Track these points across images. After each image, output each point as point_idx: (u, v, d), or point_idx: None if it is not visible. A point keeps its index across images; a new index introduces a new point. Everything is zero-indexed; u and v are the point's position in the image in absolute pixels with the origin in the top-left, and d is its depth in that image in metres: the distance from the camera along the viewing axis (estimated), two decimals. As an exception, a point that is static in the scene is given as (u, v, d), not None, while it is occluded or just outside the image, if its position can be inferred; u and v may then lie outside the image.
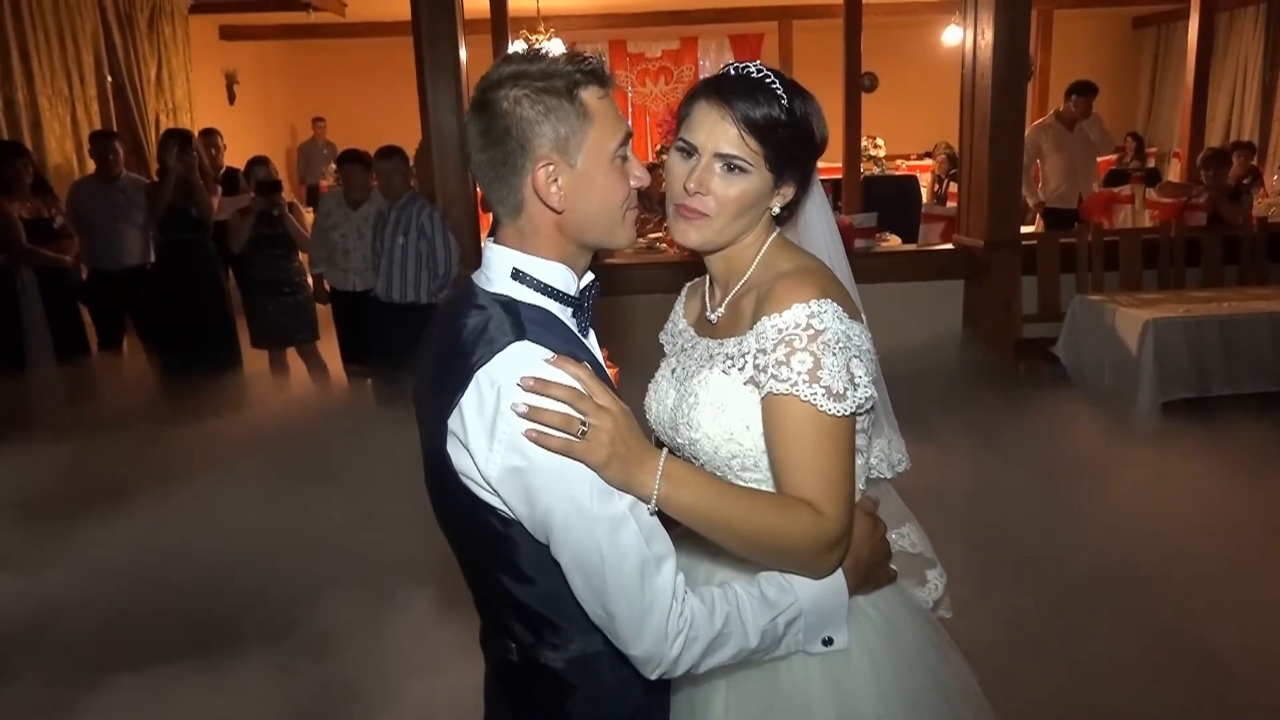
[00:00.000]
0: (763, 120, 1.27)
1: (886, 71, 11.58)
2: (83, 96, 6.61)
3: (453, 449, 1.12)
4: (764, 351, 1.24)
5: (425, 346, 1.25)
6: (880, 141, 9.81)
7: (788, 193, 1.34)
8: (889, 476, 1.52)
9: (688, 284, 1.56)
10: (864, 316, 1.31)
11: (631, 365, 2.05)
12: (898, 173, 9.50)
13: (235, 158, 6.65)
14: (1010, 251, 5.10)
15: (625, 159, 1.19)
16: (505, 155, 1.13)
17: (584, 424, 1.06)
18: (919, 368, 4.02)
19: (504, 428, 1.07)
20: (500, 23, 7.58)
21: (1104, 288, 5.17)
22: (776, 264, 1.34)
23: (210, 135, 6.60)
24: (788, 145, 1.29)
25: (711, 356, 1.35)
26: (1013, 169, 5.09)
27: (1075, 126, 6.67)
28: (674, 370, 1.44)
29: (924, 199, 8.67)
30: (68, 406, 4.96)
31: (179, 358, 5.35)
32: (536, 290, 1.18)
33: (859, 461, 1.33)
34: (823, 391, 1.18)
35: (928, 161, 9.89)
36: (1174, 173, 8.63)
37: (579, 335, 1.21)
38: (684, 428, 1.34)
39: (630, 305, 5.15)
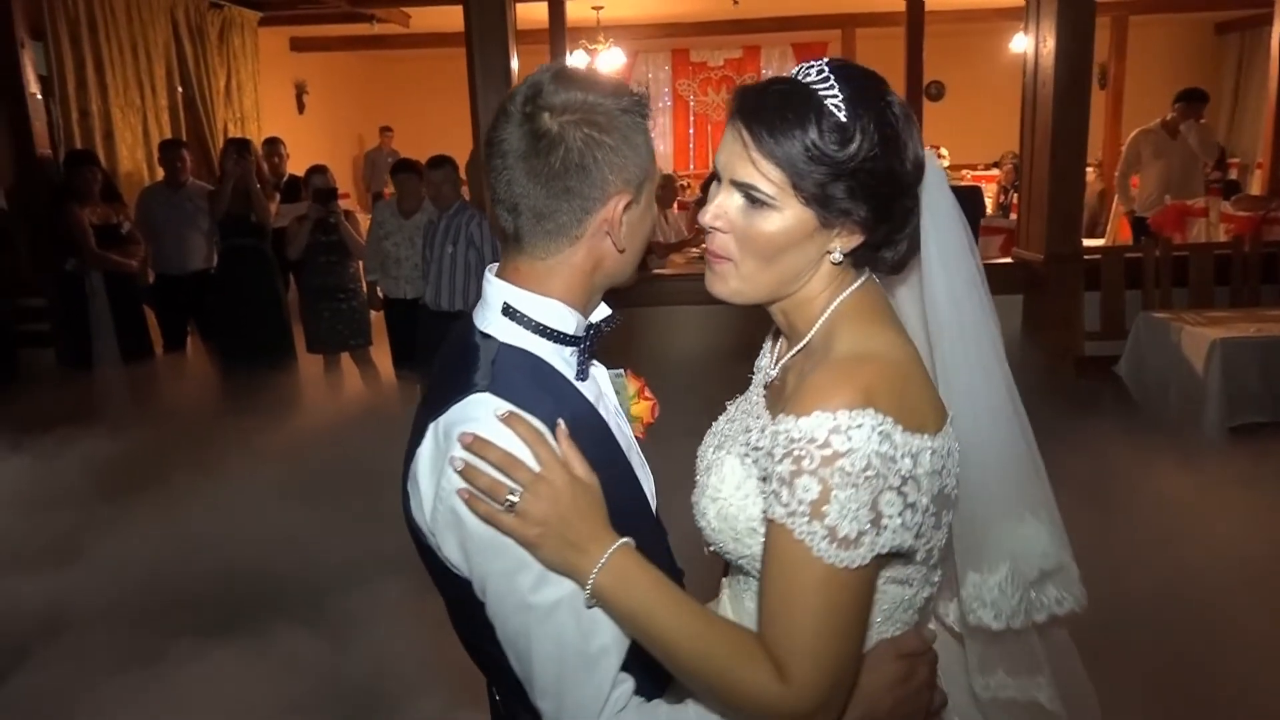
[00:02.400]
0: (789, 143, 0.98)
1: (955, 80, 11.39)
2: (154, 106, 6.85)
3: (412, 499, 1.07)
4: (772, 457, 0.98)
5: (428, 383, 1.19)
6: (944, 151, 9.61)
7: (851, 237, 1.03)
8: (1042, 618, 1.15)
9: None
10: (950, 415, 1.02)
11: (676, 382, 1.89)
12: (962, 183, 9.29)
13: (304, 166, 6.81)
14: (1071, 266, 4.94)
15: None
16: (584, 188, 1.03)
17: (512, 494, 0.95)
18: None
19: (445, 484, 1.00)
20: (558, 33, 7.61)
21: (1172, 305, 4.96)
22: (838, 334, 1.04)
23: (273, 144, 6.78)
24: (835, 176, 0.99)
25: (746, 430, 1.11)
26: (1075, 180, 4.94)
27: (1178, 135, 6.45)
28: (722, 426, 1.20)
29: (989, 210, 8.48)
30: (127, 405, 5.13)
31: (236, 360, 5.48)
32: (528, 329, 1.07)
33: (903, 592, 1.05)
34: (824, 533, 0.92)
35: (995, 172, 9.67)
36: (1256, 185, 8.26)
37: (574, 380, 1.10)
38: (695, 509, 1.14)
39: (675, 316, 5.13)
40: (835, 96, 1.00)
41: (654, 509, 1.21)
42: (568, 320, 1.09)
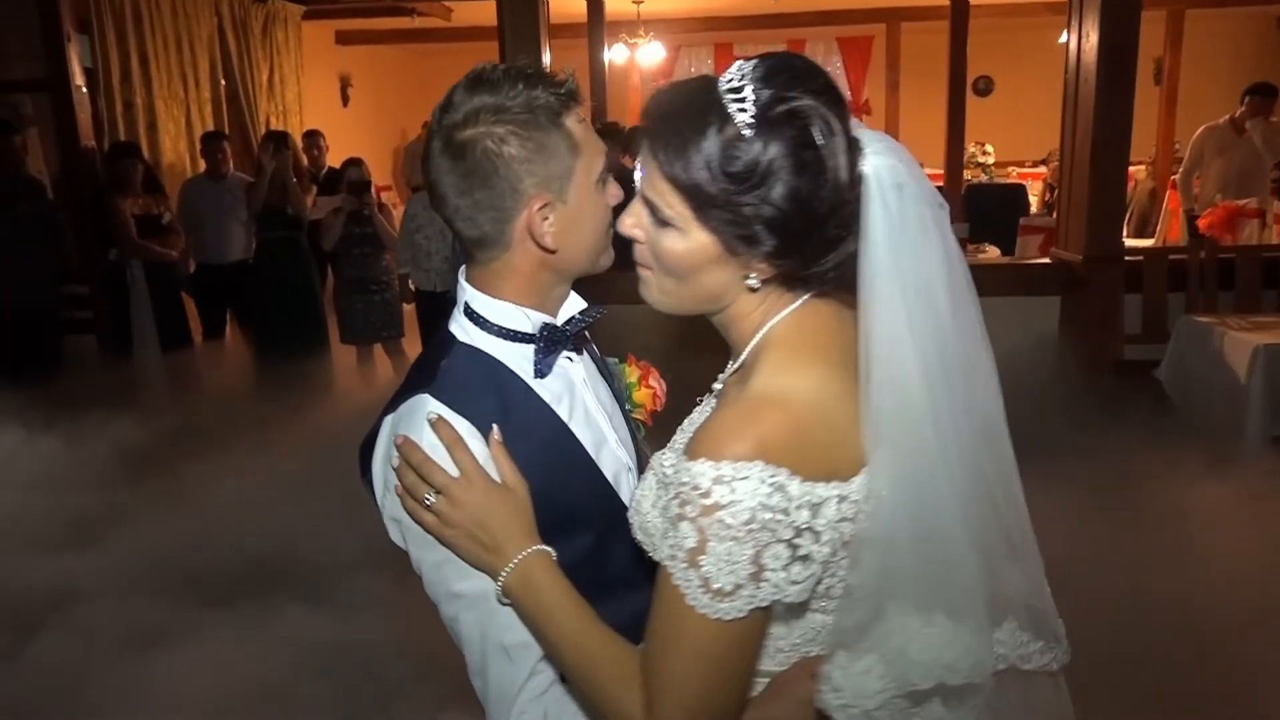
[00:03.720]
0: (683, 166, 0.89)
1: (1003, 75, 11.16)
2: (197, 99, 6.97)
3: (374, 486, 1.14)
4: (668, 491, 0.95)
5: None
6: (989, 148, 9.45)
7: (762, 268, 0.94)
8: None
9: None
10: (870, 457, 0.91)
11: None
12: (1006, 181, 9.11)
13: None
14: (1112, 267, 4.79)
15: (605, 182, 1.13)
16: (492, 199, 1.05)
17: (429, 496, 1.02)
18: (1004, 390, 3.80)
19: (389, 478, 1.08)
20: (597, 27, 7.59)
21: (1217, 309, 4.79)
22: (762, 363, 0.96)
23: (313, 136, 6.85)
24: (735, 203, 0.88)
25: (679, 445, 1.05)
26: (1116, 180, 4.80)
27: (1245, 132, 6.24)
28: (685, 425, 1.15)
29: (1033, 208, 8.30)
30: (163, 390, 5.26)
31: (271, 350, 5.57)
32: (486, 331, 1.12)
33: (825, 619, 0.99)
34: (699, 582, 0.88)
35: (1041, 169, 9.46)
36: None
37: (532, 378, 1.12)
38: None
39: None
40: (745, 110, 0.88)
41: (629, 500, 1.20)
42: (521, 320, 1.12)
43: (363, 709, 2.65)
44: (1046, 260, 5.25)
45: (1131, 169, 7.80)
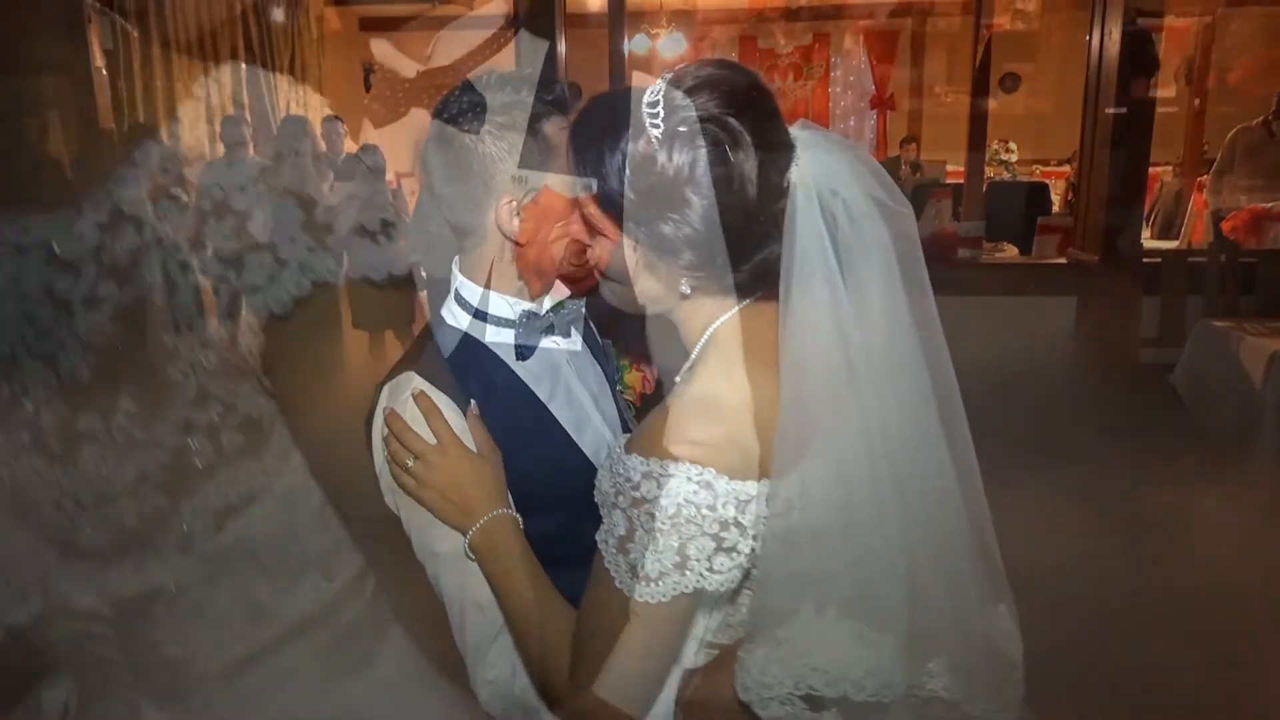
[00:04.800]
0: (599, 185, 0.94)
1: (1031, 72, 10.99)
2: (217, 83, 7.01)
3: (374, 456, 1.25)
4: (610, 477, 0.99)
5: None
6: (1013, 146, 9.32)
7: (689, 279, 0.96)
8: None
9: None
10: (782, 458, 0.91)
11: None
12: (1029, 179, 8.99)
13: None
14: (1129, 269, 4.73)
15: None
16: (469, 190, 1.15)
17: (409, 461, 1.12)
18: (1012, 393, 3.74)
19: (385, 448, 1.20)
20: (618, 16, 7.54)
21: (1238, 313, 4.71)
22: (701, 365, 1.00)
23: (332, 122, 6.87)
24: (649, 216, 0.91)
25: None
26: (1136, 180, 4.74)
27: (1276, 134, 6.12)
28: None
29: (1056, 207, 8.20)
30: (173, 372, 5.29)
31: (280, 335, 5.60)
32: (470, 314, 1.22)
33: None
34: (626, 567, 0.94)
35: (1066, 168, 9.34)
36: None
37: (511, 361, 1.22)
38: None
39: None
40: (658, 125, 0.89)
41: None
42: (503, 307, 1.22)
43: (343, 672, 2.68)
44: (1063, 260, 5.19)
45: (1158, 170, 7.69)
